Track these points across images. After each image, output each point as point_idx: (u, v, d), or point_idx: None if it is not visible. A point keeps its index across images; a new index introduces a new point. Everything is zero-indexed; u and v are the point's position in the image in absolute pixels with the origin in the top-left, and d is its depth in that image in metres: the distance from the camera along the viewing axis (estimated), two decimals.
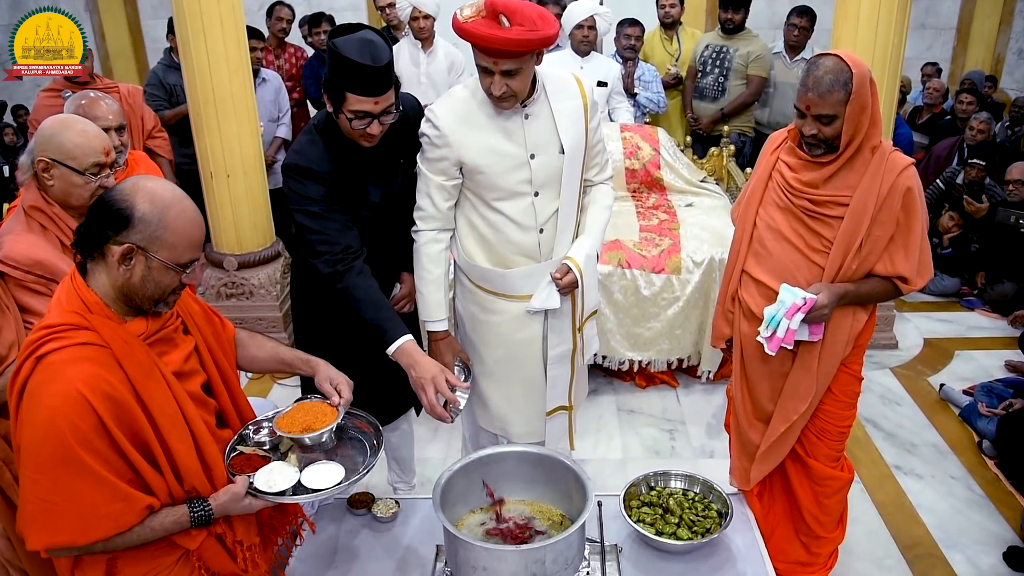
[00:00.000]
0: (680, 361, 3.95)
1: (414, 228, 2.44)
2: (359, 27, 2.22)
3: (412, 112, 2.44)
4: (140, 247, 1.59)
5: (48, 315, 1.62)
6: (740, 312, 2.46)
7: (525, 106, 2.30)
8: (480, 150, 2.29)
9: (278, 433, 1.91)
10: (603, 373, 4.02)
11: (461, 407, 2.21)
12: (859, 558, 2.93)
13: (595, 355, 3.35)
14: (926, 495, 3.27)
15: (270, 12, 5.79)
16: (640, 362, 3.90)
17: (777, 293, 2.29)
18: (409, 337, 2.26)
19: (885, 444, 3.58)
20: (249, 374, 4.18)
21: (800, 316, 2.17)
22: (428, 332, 2.50)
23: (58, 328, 1.57)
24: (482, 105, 2.30)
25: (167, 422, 1.64)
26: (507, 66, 2.14)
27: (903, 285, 2.25)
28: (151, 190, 1.62)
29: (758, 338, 2.28)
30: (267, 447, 1.93)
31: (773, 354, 2.26)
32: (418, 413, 2.90)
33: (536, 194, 2.35)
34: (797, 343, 2.26)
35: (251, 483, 1.77)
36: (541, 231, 2.40)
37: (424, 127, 2.33)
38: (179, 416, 1.67)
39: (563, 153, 2.34)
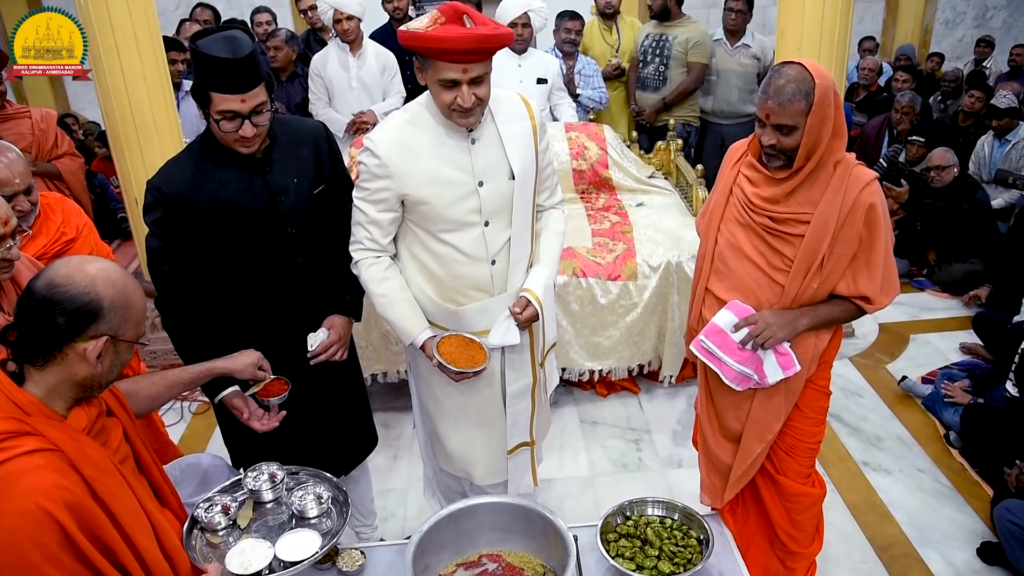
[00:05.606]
0: (641, 367, 3.86)
1: (352, 262, 2.27)
2: (228, 27, 2.06)
3: (312, 134, 2.28)
4: (111, 336, 1.49)
5: None
6: None
7: (471, 130, 2.14)
8: (424, 180, 2.13)
9: (439, 361, 2.18)
10: (563, 383, 3.89)
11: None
12: (837, 564, 2.88)
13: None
14: (896, 491, 3.24)
15: (191, 14, 5.53)
16: (600, 371, 3.79)
17: None
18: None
19: (851, 440, 3.55)
20: (192, 410, 3.96)
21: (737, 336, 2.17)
22: (419, 346, 2.27)
23: None
24: (424, 131, 2.14)
25: (130, 518, 1.52)
26: (477, 71, 1.99)
27: (866, 305, 2.16)
28: (104, 273, 1.50)
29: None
30: (222, 527, 1.86)
31: (739, 389, 2.23)
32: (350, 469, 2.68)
33: (486, 223, 2.20)
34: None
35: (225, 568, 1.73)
36: (493, 262, 2.24)
37: (363, 156, 2.16)
38: (139, 509, 1.57)
39: (513, 179, 2.18)
